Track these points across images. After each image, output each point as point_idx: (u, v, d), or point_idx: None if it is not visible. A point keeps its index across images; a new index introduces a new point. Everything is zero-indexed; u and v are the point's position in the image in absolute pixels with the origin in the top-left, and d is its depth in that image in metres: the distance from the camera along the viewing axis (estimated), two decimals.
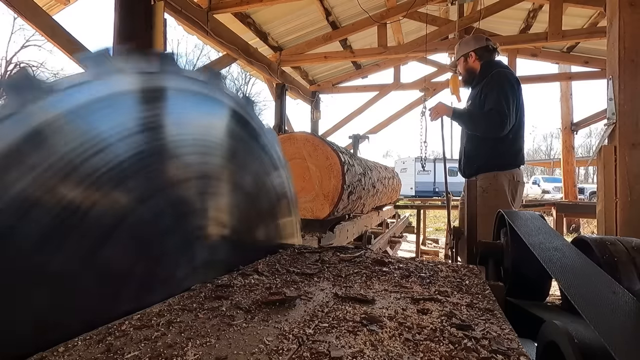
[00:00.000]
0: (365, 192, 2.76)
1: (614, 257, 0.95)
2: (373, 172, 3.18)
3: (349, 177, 2.25)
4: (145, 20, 2.92)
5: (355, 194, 2.45)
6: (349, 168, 2.28)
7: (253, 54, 4.92)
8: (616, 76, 2.01)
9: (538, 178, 21.19)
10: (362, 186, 2.61)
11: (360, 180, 2.54)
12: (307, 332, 0.65)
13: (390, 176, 4.26)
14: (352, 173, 2.33)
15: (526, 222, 1.23)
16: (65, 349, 0.58)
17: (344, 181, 2.16)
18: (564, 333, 0.61)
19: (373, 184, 3.06)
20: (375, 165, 3.59)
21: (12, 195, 0.57)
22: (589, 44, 5.66)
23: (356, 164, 2.55)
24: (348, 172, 2.24)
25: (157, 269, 0.83)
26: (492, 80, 2.43)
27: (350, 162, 2.41)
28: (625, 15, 2.01)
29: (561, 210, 5.33)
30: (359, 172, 2.54)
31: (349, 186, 2.26)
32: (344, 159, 2.24)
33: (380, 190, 3.49)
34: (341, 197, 2.16)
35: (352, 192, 2.37)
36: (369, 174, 2.95)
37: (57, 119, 0.64)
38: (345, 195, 2.24)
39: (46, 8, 3.42)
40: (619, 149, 1.98)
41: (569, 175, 8.49)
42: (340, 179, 2.16)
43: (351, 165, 2.37)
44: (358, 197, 2.55)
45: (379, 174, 3.45)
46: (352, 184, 2.34)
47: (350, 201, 2.39)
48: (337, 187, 2.17)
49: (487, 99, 2.40)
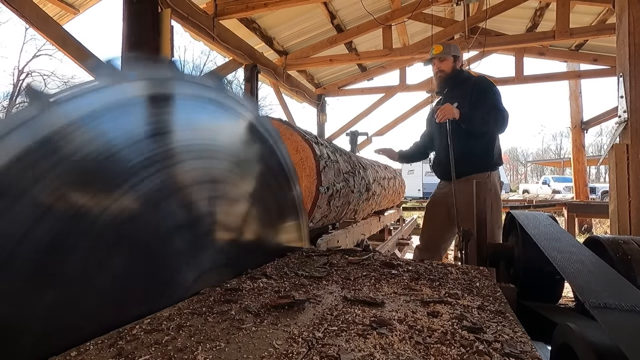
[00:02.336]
0: (356, 196, 2.22)
1: (628, 255, 0.94)
2: (368, 170, 2.67)
3: (329, 176, 1.73)
4: (153, 28, 2.97)
5: (339, 199, 1.93)
6: (327, 164, 1.73)
7: (259, 59, 4.96)
8: (627, 73, 1.98)
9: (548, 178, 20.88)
10: (351, 188, 2.08)
11: (347, 181, 2.02)
12: (317, 336, 0.65)
13: (391, 176, 3.76)
14: (333, 171, 1.81)
15: (537, 223, 1.21)
16: (77, 353, 0.59)
17: (320, 182, 1.63)
18: (578, 336, 0.60)
19: (367, 186, 2.53)
20: (372, 164, 3.12)
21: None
22: (598, 42, 5.58)
23: (341, 160, 2.04)
24: (327, 170, 1.71)
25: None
26: (482, 83, 2.54)
27: (332, 157, 1.86)
28: (635, 11, 1.98)
29: (572, 210, 5.24)
30: (345, 171, 2.02)
31: (329, 188, 1.73)
32: (320, 151, 1.70)
33: (378, 192, 3.02)
34: (316, 203, 1.63)
35: (335, 196, 1.84)
36: (361, 173, 2.41)
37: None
38: (324, 201, 1.71)
39: (57, 18, 3.50)
40: (631, 147, 1.94)
41: (580, 175, 8.35)
42: (315, 178, 1.65)
43: (332, 162, 1.83)
44: (345, 202, 2.04)
45: (376, 174, 2.98)
46: (334, 186, 1.81)
47: (332, 208, 1.86)
48: (310, 190, 1.67)
49: (487, 99, 2.45)
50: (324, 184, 1.65)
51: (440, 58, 2.67)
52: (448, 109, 2.61)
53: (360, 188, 2.29)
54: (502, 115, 2.40)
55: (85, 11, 3.72)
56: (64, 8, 3.57)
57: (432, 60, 2.70)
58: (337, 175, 1.88)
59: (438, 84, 2.75)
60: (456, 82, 2.64)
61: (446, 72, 2.68)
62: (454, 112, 2.60)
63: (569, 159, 9.55)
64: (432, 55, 2.68)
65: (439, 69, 2.69)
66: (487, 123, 2.53)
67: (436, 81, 2.76)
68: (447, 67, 2.67)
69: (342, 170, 1.94)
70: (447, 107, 2.63)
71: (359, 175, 2.31)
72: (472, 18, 5.04)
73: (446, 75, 2.68)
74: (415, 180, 20.68)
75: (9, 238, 0.56)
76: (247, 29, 4.82)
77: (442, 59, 2.67)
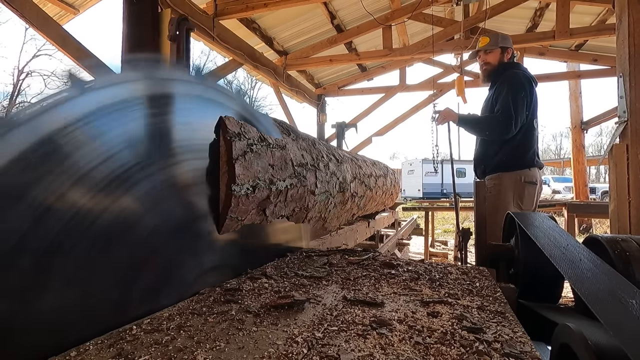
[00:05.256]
0: (321, 199, 1.58)
1: (626, 252, 0.94)
2: (344, 165, 2.01)
3: (255, 167, 1.06)
4: (153, 28, 2.97)
5: (286, 203, 1.26)
6: (254, 149, 1.06)
7: (259, 59, 4.96)
8: (627, 73, 1.98)
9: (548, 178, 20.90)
10: (309, 188, 1.43)
11: (301, 177, 1.36)
12: (317, 336, 0.65)
13: (380, 174, 3.14)
14: (267, 160, 1.13)
15: (536, 223, 1.22)
16: (77, 353, 0.59)
17: (233, 176, 0.98)
18: (578, 336, 0.60)
19: (342, 185, 1.88)
20: (354, 158, 2.52)
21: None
22: (598, 42, 5.58)
23: (294, 147, 1.39)
24: (250, 158, 1.04)
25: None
26: (504, 81, 2.43)
27: (269, 140, 1.16)
28: (635, 11, 1.98)
29: (572, 210, 5.23)
30: (298, 162, 1.36)
31: (254, 187, 1.05)
32: (237, 128, 1.02)
33: (361, 194, 2.38)
34: (228, 209, 0.98)
35: (273, 200, 1.16)
36: (331, 167, 1.75)
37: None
38: (250, 206, 1.05)
39: (56, 18, 3.50)
40: (631, 148, 1.95)
41: (580, 175, 8.36)
42: (226, 171, 1.00)
43: (267, 147, 1.14)
44: (300, 207, 1.38)
45: (358, 170, 2.38)
46: (272, 184, 1.14)
47: (272, 217, 1.20)
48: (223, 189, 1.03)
49: (500, 99, 2.40)
50: (241, 180, 1.00)
51: (486, 50, 2.55)
52: (447, 113, 2.63)
53: (330, 188, 1.70)
54: (501, 120, 2.33)
55: (85, 11, 3.72)
56: (64, 8, 3.57)
57: (478, 52, 2.60)
58: (282, 169, 1.22)
59: (483, 78, 2.65)
60: (495, 78, 2.54)
61: (492, 65, 2.56)
62: (452, 115, 2.63)
63: (569, 159, 9.55)
64: (478, 48, 2.58)
65: (484, 61, 2.58)
66: (483, 129, 2.51)
67: (481, 74, 2.66)
68: (493, 59, 2.55)
69: (292, 162, 1.31)
70: (446, 110, 2.65)
71: (327, 170, 1.69)
72: (472, 18, 5.04)
73: (492, 68, 2.56)
74: (415, 180, 20.70)
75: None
76: (247, 29, 4.82)
77: (489, 51, 2.55)
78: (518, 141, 2.41)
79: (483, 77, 2.64)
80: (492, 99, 2.51)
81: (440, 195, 18.81)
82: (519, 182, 2.40)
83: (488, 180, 2.46)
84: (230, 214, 1.00)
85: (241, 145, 1.02)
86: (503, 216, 1.84)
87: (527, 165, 2.42)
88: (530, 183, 2.42)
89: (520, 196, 2.40)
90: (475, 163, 2.66)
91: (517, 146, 2.41)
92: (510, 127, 2.32)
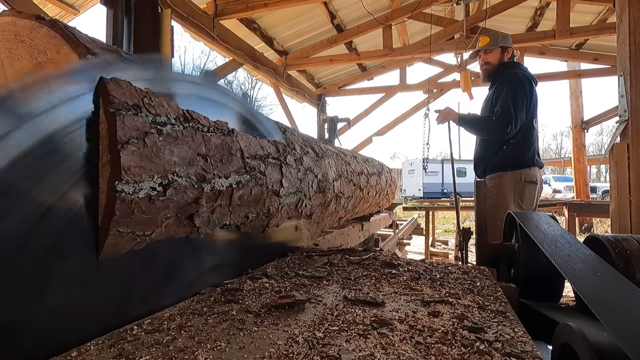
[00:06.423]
0: (292, 200, 1.31)
1: (627, 250, 0.94)
2: (326, 160, 1.73)
3: (167, 154, 0.72)
4: (153, 28, 2.97)
5: (233, 210, 0.96)
6: (166, 125, 0.73)
7: (259, 59, 4.96)
8: (627, 72, 1.98)
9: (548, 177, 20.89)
10: (270, 187, 1.13)
11: (257, 173, 1.04)
12: (317, 336, 0.65)
13: (374, 172, 2.83)
14: (188, 146, 0.78)
15: (537, 222, 1.21)
16: (78, 354, 0.59)
17: (118, 171, 0.62)
18: (579, 335, 0.59)
19: (321, 185, 1.61)
20: (341, 152, 2.21)
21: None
22: (598, 41, 5.57)
23: (247, 129, 1.09)
24: (156, 139, 0.70)
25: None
26: (504, 80, 2.43)
27: (195, 118, 0.82)
28: (635, 10, 1.98)
29: (573, 209, 5.22)
30: (252, 153, 1.03)
31: (166, 187, 0.72)
32: (129, 99, 0.67)
33: (348, 194, 2.08)
34: (109, 226, 0.63)
35: (206, 204, 0.84)
36: (305, 162, 1.44)
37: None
38: (155, 215, 0.70)
39: (57, 18, 3.50)
40: (631, 147, 1.94)
41: (581, 174, 8.35)
42: (107, 162, 0.63)
43: (196, 129, 0.82)
44: (259, 213, 1.11)
45: (346, 167, 2.09)
46: (198, 180, 0.80)
47: (196, 227, 0.83)
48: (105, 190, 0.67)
49: (500, 99, 2.40)
50: (133, 175, 0.65)
51: (486, 50, 2.55)
52: (447, 113, 2.63)
53: (303, 187, 1.38)
54: (501, 120, 2.33)
55: (86, 11, 3.72)
56: (64, 8, 3.57)
57: (478, 52, 2.60)
58: (223, 161, 0.90)
59: (483, 77, 2.65)
60: (495, 77, 2.54)
61: (492, 65, 2.56)
62: (452, 115, 2.63)
63: (569, 158, 9.55)
64: (478, 48, 2.58)
65: (484, 61, 2.58)
66: (482, 128, 2.51)
67: (481, 74, 2.66)
68: (493, 59, 2.55)
69: (242, 153, 0.98)
70: (446, 110, 2.65)
71: (299, 165, 1.37)
72: (472, 18, 5.04)
73: (492, 67, 2.56)
74: (415, 180, 20.70)
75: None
76: (247, 29, 4.82)
77: (489, 51, 2.55)
78: (518, 141, 2.41)
79: (483, 76, 2.65)
80: (492, 98, 2.51)
81: (441, 194, 18.82)
82: (519, 182, 2.40)
83: (488, 180, 2.45)
84: (116, 226, 0.64)
85: (136, 122, 0.67)
86: (503, 215, 1.85)
87: (527, 164, 2.43)
88: (530, 182, 2.42)
89: (520, 195, 2.40)
90: (476, 162, 2.67)
91: (517, 146, 2.42)
92: (510, 126, 2.33)
